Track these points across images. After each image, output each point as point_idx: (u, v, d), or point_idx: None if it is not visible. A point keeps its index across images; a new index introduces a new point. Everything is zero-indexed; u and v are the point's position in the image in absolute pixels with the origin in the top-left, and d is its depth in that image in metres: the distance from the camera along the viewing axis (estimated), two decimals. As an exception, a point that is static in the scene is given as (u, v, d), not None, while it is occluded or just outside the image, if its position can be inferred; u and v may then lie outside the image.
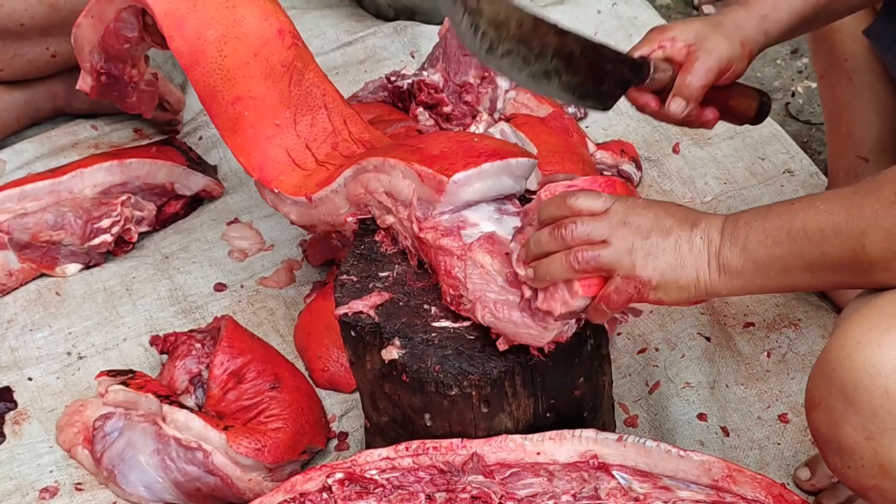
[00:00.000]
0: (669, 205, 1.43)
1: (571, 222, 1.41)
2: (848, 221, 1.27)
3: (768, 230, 1.32)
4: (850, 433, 1.27)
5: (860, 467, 1.28)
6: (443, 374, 1.53)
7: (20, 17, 2.24)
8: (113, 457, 1.81)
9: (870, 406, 1.24)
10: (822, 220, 1.29)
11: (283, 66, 1.86)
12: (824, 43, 1.85)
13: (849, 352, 1.25)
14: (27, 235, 2.11)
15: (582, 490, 1.54)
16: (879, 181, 1.27)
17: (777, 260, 1.32)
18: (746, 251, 1.34)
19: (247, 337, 1.93)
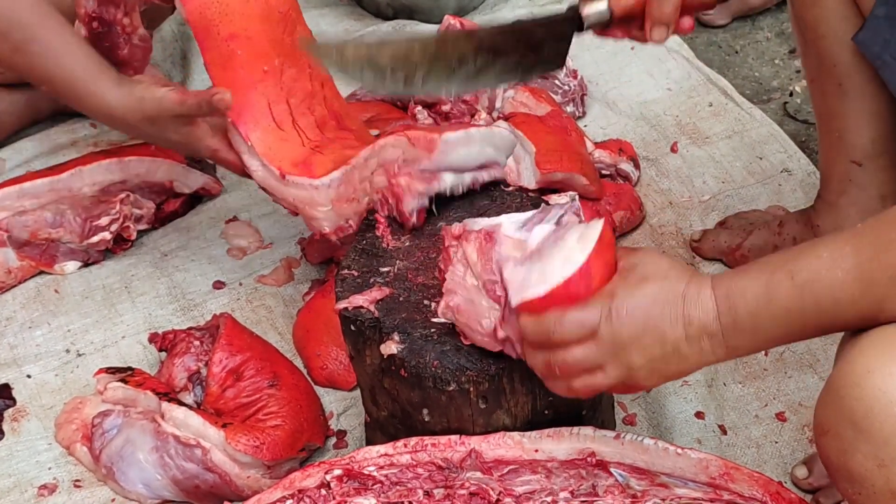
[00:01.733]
0: (651, 300, 1.36)
1: (563, 357, 1.38)
2: (863, 293, 1.26)
3: (778, 317, 1.30)
4: (861, 461, 1.26)
5: (872, 494, 1.27)
6: (441, 370, 1.53)
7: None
8: (111, 454, 1.81)
9: (881, 434, 1.23)
10: (836, 293, 1.27)
11: (279, 13, 1.85)
12: (813, 49, 1.85)
13: (858, 380, 1.25)
14: (26, 233, 2.11)
15: (580, 487, 1.54)
16: (887, 242, 1.25)
17: (795, 334, 1.32)
18: (757, 336, 1.33)
19: (245, 335, 1.93)
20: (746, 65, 2.64)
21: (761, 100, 2.53)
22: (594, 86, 2.49)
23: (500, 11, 2.66)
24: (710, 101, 2.44)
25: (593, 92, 2.47)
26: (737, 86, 2.53)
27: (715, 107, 2.43)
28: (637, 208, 2.18)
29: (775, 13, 2.74)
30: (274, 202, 1.89)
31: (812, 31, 1.83)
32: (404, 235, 1.70)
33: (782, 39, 2.69)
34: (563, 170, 2.09)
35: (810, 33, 1.83)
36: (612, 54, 2.56)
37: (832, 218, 1.94)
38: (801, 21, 1.85)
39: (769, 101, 2.53)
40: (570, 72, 2.39)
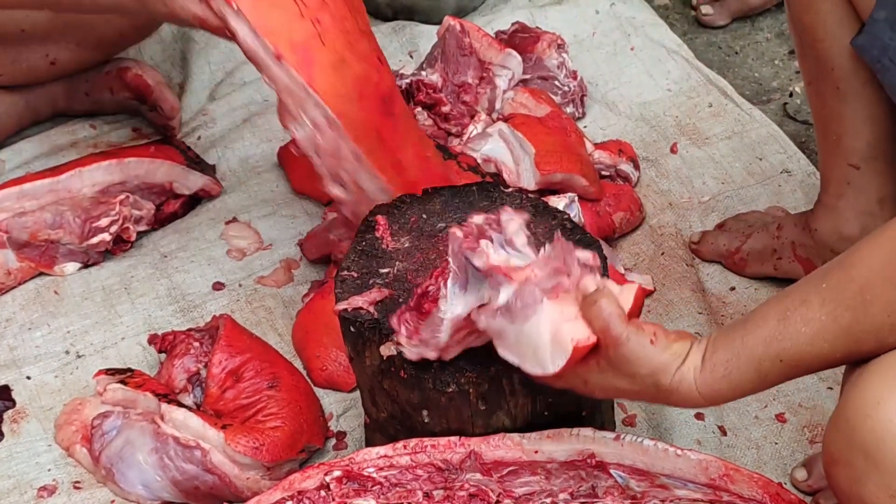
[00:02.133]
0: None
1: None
2: (852, 354, 1.30)
3: (766, 386, 1.37)
4: (874, 491, 1.26)
5: None
6: (440, 371, 1.53)
7: (20, 22, 2.24)
8: (111, 455, 1.81)
9: (893, 465, 1.24)
10: (823, 361, 1.32)
11: None
12: (810, 52, 1.85)
13: (868, 411, 1.25)
14: (26, 234, 2.11)
15: (579, 488, 1.54)
16: (859, 301, 1.27)
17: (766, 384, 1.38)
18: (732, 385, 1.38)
19: (245, 336, 1.93)
20: (746, 65, 2.64)
21: (761, 100, 2.53)
22: (594, 87, 2.49)
23: (499, 12, 2.66)
24: (709, 101, 2.44)
25: (593, 93, 2.47)
26: (736, 86, 2.52)
27: (715, 107, 2.43)
28: (637, 209, 2.18)
29: (775, 14, 2.74)
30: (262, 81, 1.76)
31: (809, 34, 1.82)
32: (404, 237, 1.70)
33: (782, 40, 2.68)
34: (563, 171, 2.09)
35: (808, 36, 1.83)
36: (611, 55, 2.55)
37: (830, 221, 1.94)
38: (798, 24, 1.85)
39: (769, 102, 2.53)
40: (570, 73, 2.39)
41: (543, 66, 2.37)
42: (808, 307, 1.31)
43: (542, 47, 2.38)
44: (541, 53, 2.38)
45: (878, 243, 1.29)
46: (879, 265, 1.27)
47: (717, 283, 2.08)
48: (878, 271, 1.27)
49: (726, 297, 2.06)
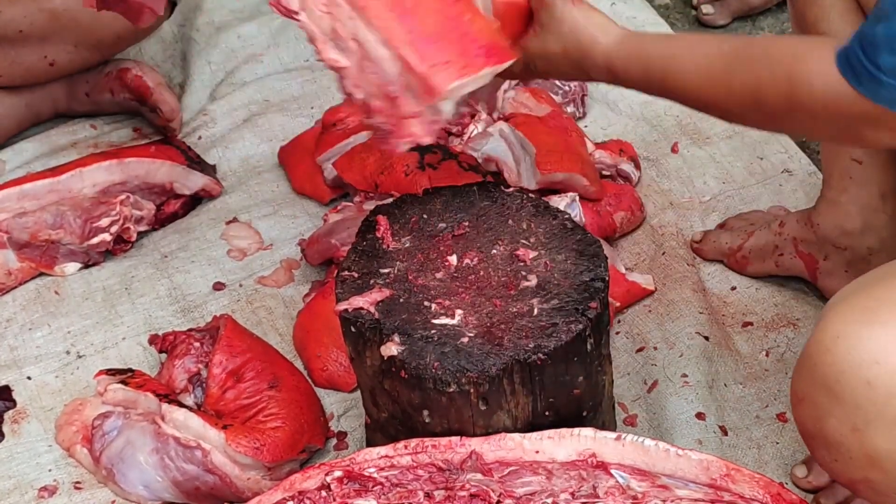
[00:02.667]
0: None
1: None
2: (724, 72, 1.44)
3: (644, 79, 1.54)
4: (836, 426, 1.28)
5: (848, 460, 1.29)
6: (441, 371, 1.53)
7: (19, 23, 2.24)
8: (112, 455, 1.81)
9: (852, 398, 1.25)
10: (701, 66, 1.45)
11: None
12: None
13: (829, 345, 1.27)
14: (26, 234, 2.11)
15: (580, 489, 1.54)
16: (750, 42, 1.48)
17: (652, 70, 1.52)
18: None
19: (246, 336, 1.93)
20: (747, 65, 2.64)
21: (762, 100, 2.53)
22: (594, 86, 2.48)
23: (500, 12, 2.66)
24: (710, 101, 2.44)
25: (593, 92, 2.46)
26: (737, 86, 2.52)
27: (715, 107, 2.42)
28: (638, 209, 2.18)
29: (776, 13, 2.74)
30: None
31: (813, 29, 1.82)
32: (405, 237, 1.70)
33: (783, 39, 2.68)
34: (564, 170, 2.09)
35: (811, 31, 1.83)
36: (612, 55, 2.55)
37: (832, 216, 1.94)
38: (801, 19, 1.85)
39: (770, 102, 2.53)
40: (571, 72, 2.39)
41: (544, 65, 2.37)
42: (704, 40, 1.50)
43: (542, 47, 2.38)
44: (541, 53, 2.38)
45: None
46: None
47: (718, 282, 2.08)
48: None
49: (727, 296, 2.05)
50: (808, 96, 1.32)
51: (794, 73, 1.34)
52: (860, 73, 1.27)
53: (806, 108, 1.34)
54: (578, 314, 1.57)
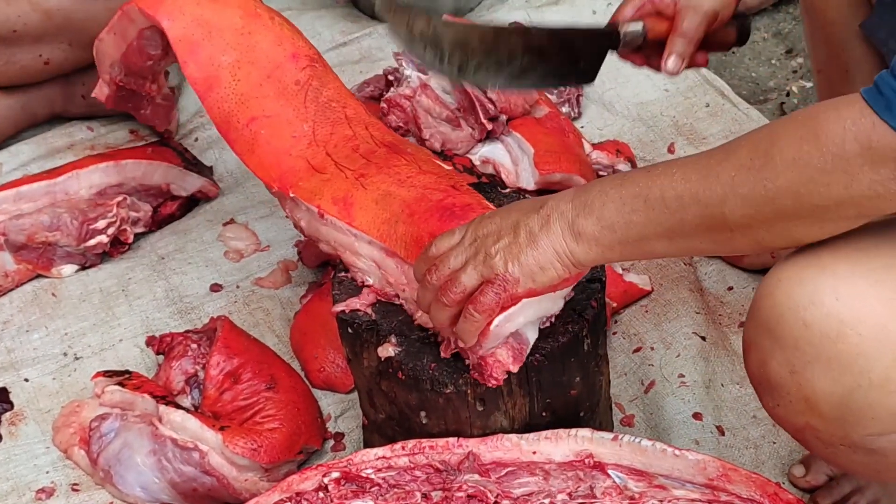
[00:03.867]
0: (518, 202, 1.46)
1: (434, 267, 1.44)
2: (706, 189, 1.27)
3: (625, 198, 1.33)
4: (777, 369, 1.30)
5: (788, 403, 1.31)
6: (438, 372, 1.53)
7: (13, 23, 2.24)
8: (109, 457, 1.81)
9: (791, 339, 1.27)
10: (679, 187, 1.29)
11: (296, 85, 1.84)
12: (821, 34, 1.85)
13: (771, 290, 1.29)
14: (23, 237, 2.11)
15: (577, 489, 1.54)
16: (735, 145, 1.28)
17: (635, 227, 1.33)
18: (603, 219, 1.34)
19: (243, 337, 1.93)
20: (743, 65, 2.64)
21: (758, 100, 2.53)
22: (591, 87, 2.49)
23: (496, 13, 2.66)
24: (706, 101, 2.44)
25: (590, 93, 2.47)
26: (733, 86, 2.53)
27: (712, 107, 2.43)
28: (634, 209, 2.18)
29: (772, 13, 2.74)
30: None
31: (821, 16, 1.83)
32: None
33: (779, 40, 2.69)
34: (562, 171, 2.09)
35: (819, 19, 1.83)
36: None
37: None
38: (809, 6, 1.85)
39: (766, 102, 2.53)
40: (567, 73, 2.39)
41: (540, 66, 2.37)
42: (670, 168, 1.32)
43: (538, 47, 2.38)
44: (538, 53, 2.38)
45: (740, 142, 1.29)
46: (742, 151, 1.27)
47: (715, 282, 2.08)
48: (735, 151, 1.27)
49: (724, 296, 2.06)
50: (828, 135, 1.20)
51: (811, 114, 1.23)
52: (894, 105, 1.17)
53: (831, 153, 1.20)
54: (575, 315, 1.57)
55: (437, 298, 1.43)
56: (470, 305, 1.41)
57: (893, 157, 1.17)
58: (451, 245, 1.45)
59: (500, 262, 1.39)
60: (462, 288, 1.41)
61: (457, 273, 1.42)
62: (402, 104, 2.15)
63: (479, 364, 1.50)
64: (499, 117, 2.16)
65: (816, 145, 1.20)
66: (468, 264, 1.41)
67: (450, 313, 1.44)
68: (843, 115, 1.20)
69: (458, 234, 1.45)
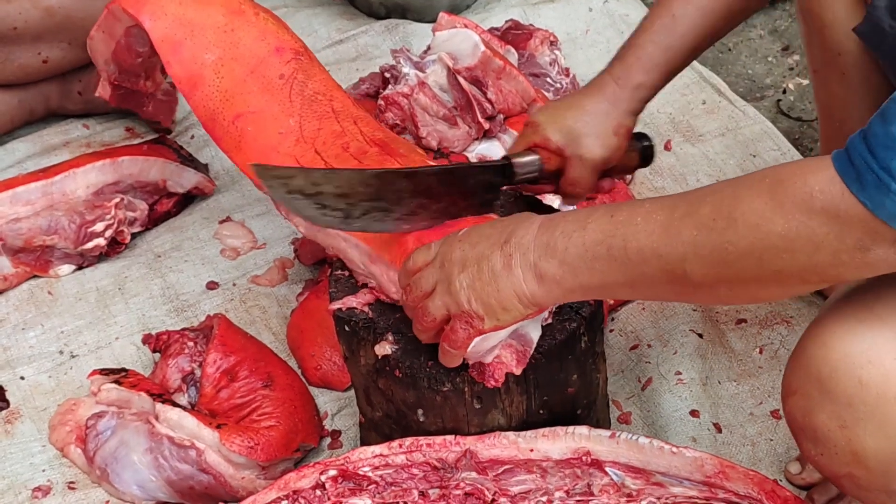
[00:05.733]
0: (489, 225, 1.43)
1: (412, 283, 1.44)
2: (666, 245, 1.26)
3: (588, 244, 1.32)
4: (825, 421, 1.29)
5: (834, 455, 1.30)
6: (435, 370, 1.53)
7: (13, 20, 2.24)
8: (106, 455, 1.81)
9: (844, 396, 1.26)
10: (641, 240, 1.28)
11: (280, 79, 1.84)
12: (817, 37, 1.85)
13: (824, 341, 1.28)
14: (20, 241, 2.10)
15: (575, 486, 1.54)
16: (699, 200, 1.26)
17: (597, 273, 1.32)
18: (565, 263, 1.33)
19: (239, 335, 1.93)
20: (739, 62, 2.64)
21: (754, 97, 2.53)
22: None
23: (492, 10, 2.66)
24: (703, 98, 2.44)
25: (586, 90, 2.47)
26: (730, 83, 2.53)
27: (708, 104, 2.43)
28: (631, 207, 2.18)
29: (768, 11, 2.75)
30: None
31: (817, 19, 1.83)
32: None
33: (775, 37, 2.69)
34: (557, 168, 2.09)
35: (815, 22, 1.83)
36: (605, 52, 2.55)
37: None
38: (806, 10, 1.85)
39: (762, 99, 2.53)
40: (562, 70, 2.39)
41: (536, 63, 2.37)
42: (668, 195, 1.32)
43: (534, 44, 2.38)
44: (533, 50, 2.38)
45: (716, 188, 1.27)
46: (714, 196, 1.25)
47: (712, 280, 2.08)
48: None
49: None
50: (794, 201, 1.17)
51: (778, 177, 1.20)
52: (864, 177, 1.14)
53: (796, 219, 1.17)
54: (572, 312, 1.57)
55: (414, 320, 1.46)
56: (444, 341, 1.44)
57: (860, 227, 1.16)
58: (425, 261, 1.45)
59: (464, 297, 1.40)
60: (431, 318, 1.43)
61: (426, 300, 1.43)
62: (400, 102, 2.15)
63: (479, 364, 1.50)
64: (496, 116, 2.15)
65: (781, 212, 1.19)
66: (435, 292, 1.42)
67: (428, 336, 1.47)
68: (810, 181, 1.17)
69: (434, 249, 1.45)
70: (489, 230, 1.41)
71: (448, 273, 1.40)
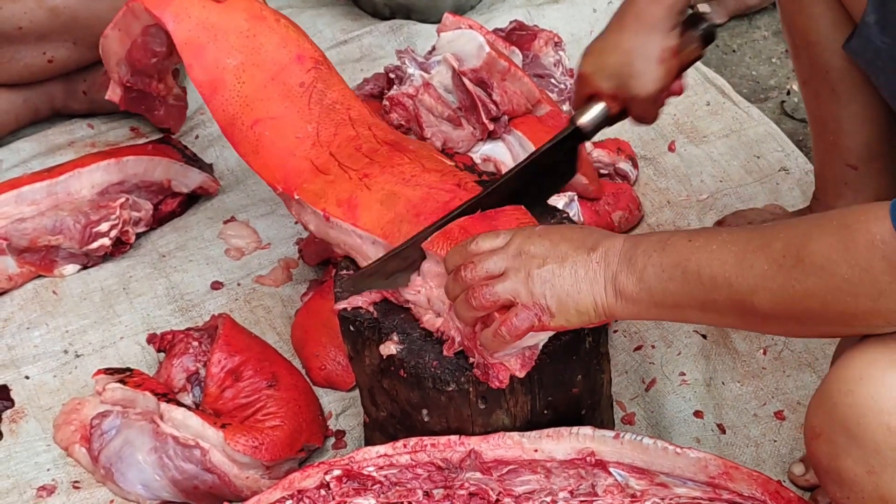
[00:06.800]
0: (568, 229, 1.46)
1: (471, 263, 1.44)
2: (738, 276, 1.29)
3: (665, 265, 1.35)
4: (852, 466, 1.28)
5: (861, 499, 1.29)
6: (440, 370, 1.53)
7: (19, 20, 2.24)
8: (110, 455, 1.81)
9: (872, 442, 1.25)
10: (714, 267, 1.31)
11: (300, 87, 1.84)
12: (804, 54, 1.85)
13: (851, 387, 1.26)
14: (26, 241, 2.10)
15: (579, 487, 1.54)
16: (773, 235, 1.29)
17: (670, 295, 1.35)
18: (643, 281, 1.37)
19: (244, 335, 1.93)
20: (744, 63, 2.64)
21: (758, 98, 2.53)
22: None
23: (497, 11, 2.66)
24: (707, 99, 2.44)
25: (591, 91, 2.47)
26: (734, 84, 2.53)
27: (712, 106, 2.43)
28: (636, 208, 2.18)
29: (772, 12, 2.74)
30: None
31: (803, 37, 1.83)
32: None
33: (779, 38, 2.69)
34: (562, 168, 2.09)
35: (801, 40, 1.83)
36: (609, 53, 2.55)
37: None
38: (791, 27, 1.85)
39: (766, 100, 2.53)
40: (567, 70, 2.39)
41: (540, 63, 2.37)
42: (745, 227, 1.35)
43: (538, 45, 2.38)
44: (537, 51, 2.38)
45: (792, 224, 1.30)
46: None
47: (716, 281, 2.08)
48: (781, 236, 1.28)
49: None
50: (858, 247, 1.20)
51: (845, 221, 1.23)
52: None
53: (859, 266, 1.20)
54: (577, 313, 1.57)
55: (466, 297, 1.44)
56: (502, 326, 1.43)
57: None
58: (492, 247, 1.45)
59: (541, 290, 1.41)
60: (496, 298, 1.43)
61: (493, 280, 1.43)
62: (405, 102, 2.15)
63: (484, 364, 1.50)
64: (501, 117, 2.16)
65: (845, 256, 1.22)
66: (507, 275, 1.42)
67: (475, 315, 1.46)
68: (873, 229, 1.20)
69: (502, 238, 1.46)
70: (570, 234, 1.44)
71: (525, 263, 1.42)
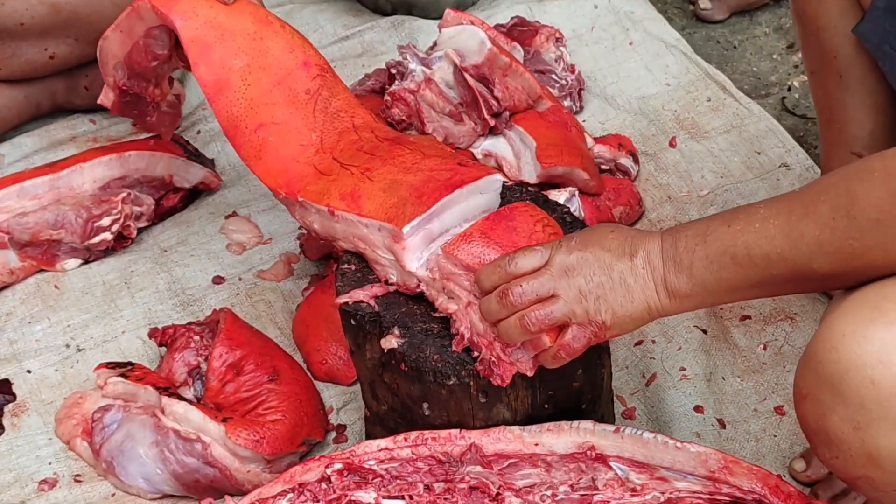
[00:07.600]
0: (603, 236, 1.45)
1: (516, 285, 1.44)
2: (791, 248, 1.31)
3: (712, 256, 1.36)
4: (838, 424, 1.28)
5: (849, 457, 1.30)
6: (441, 364, 1.53)
7: (21, 16, 2.25)
8: (112, 448, 1.81)
9: (856, 397, 1.26)
10: (764, 246, 1.32)
11: (306, 94, 1.84)
12: (813, 40, 1.85)
13: (834, 344, 1.27)
14: (27, 235, 2.10)
15: (579, 481, 1.55)
16: (813, 199, 1.30)
17: (726, 282, 1.37)
18: (693, 276, 1.38)
19: (245, 329, 1.93)
20: (745, 60, 2.64)
21: (759, 94, 2.54)
22: (592, 81, 2.49)
23: (498, 7, 2.66)
24: (708, 95, 2.45)
25: (591, 87, 2.47)
26: (735, 81, 2.53)
27: (713, 102, 2.43)
28: (636, 203, 2.19)
29: (773, 8, 2.75)
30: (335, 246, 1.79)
31: (812, 23, 1.83)
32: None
33: (780, 34, 2.69)
34: (564, 164, 2.09)
35: (811, 25, 1.84)
36: (610, 49, 2.56)
37: None
38: (801, 13, 1.85)
39: (767, 96, 2.54)
40: (568, 66, 2.39)
41: (541, 59, 2.37)
42: (777, 198, 1.35)
43: (540, 41, 2.38)
44: (539, 47, 2.38)
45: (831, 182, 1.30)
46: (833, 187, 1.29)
47: (716, 276, 2.08)
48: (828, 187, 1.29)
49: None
50: None
51: (888, 169, 1.25)
52: None
53: None
54: (577, 307, 1.57)
55: (522, 323, 1.43)
56: (561, 350, 1.44)
57: None
58: (533, 266, 1.45)
59: (595, 307, 1.42)
60: (553, 321, 1.43)
61: (545, 303, 1.43)
62: (406, 98, 2.15)
63: (489, 361, 1.50)
64: (502, 113, 2.16)
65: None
66: (559, 296, 1.42)
67: (527, 338, 1.46)
68: None
69: (542, 256, 1.45)
70: (605, 241, 1.44)
71: (574, 282, 1.42)
